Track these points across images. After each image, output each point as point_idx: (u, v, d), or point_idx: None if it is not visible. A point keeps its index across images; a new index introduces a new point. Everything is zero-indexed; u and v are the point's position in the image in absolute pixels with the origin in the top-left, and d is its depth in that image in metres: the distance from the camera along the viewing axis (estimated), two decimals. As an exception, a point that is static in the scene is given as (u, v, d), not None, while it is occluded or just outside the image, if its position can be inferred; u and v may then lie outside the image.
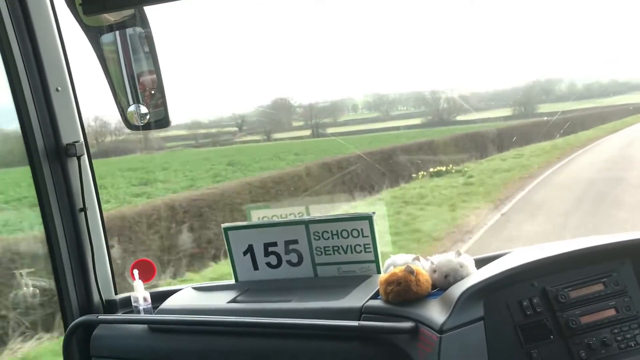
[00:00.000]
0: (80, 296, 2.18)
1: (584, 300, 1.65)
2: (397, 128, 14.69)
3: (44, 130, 2.07)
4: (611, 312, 1.65)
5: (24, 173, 2.18)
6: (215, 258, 8.09)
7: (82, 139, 2.15)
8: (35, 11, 2.01)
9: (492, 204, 9.53)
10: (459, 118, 14.32)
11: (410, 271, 1.70)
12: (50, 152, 2.08)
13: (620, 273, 1.69)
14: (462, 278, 1.71)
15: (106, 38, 2.03)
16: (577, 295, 1.65)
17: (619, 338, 1.63)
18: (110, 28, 2.01)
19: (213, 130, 15.48)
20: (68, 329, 2.13)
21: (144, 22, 1.99)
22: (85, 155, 2.16)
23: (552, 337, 1.61)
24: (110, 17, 2.00)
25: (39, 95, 2.05)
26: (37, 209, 2.14)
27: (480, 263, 1.78)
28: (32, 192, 2.13)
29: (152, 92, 2.07)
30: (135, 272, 2.19)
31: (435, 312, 1.59)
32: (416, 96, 15.14)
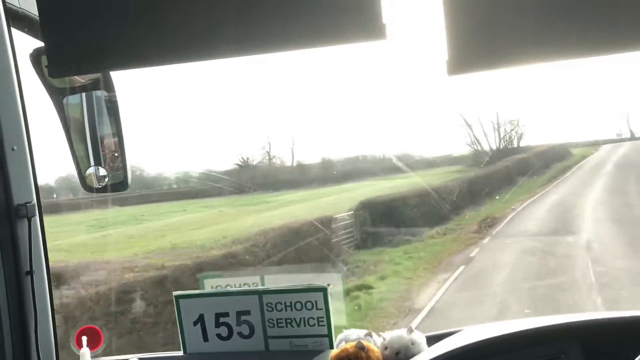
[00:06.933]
0: None
1: None
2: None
3: None
4: None
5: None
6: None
7: (34, 200, 2.10)
8: None
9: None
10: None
11: (361, 347, 1.67)
12: None
13: (569, 355, 1.68)
14: (413, 355, 1.68)
15: (70, 99, 2.04)
16: None
17: None
18: (74, 90, 2.03)
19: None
20: None
21: (108, 86, 2.02)
22: (37, 217, 2.10)
23: None
24: (76, 80, 2.02)
25: None
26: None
27: (432, 340, 1.76)
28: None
29: (115, 154, 2.07)
30: (83, 339, 2.09)
31: None
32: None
